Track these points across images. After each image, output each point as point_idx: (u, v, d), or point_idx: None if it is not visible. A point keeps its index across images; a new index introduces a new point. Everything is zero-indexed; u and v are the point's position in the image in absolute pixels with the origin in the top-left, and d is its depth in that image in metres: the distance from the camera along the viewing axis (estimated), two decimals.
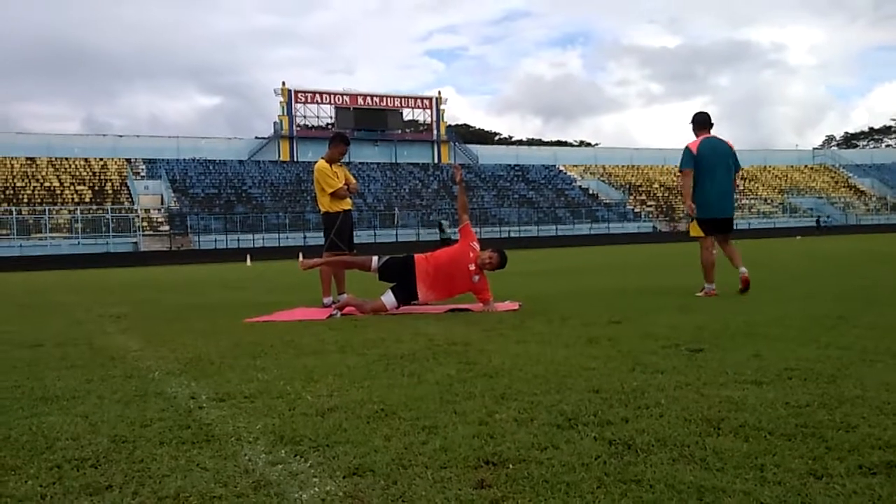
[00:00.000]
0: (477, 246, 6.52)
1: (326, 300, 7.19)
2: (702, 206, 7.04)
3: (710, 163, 7.00)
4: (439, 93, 61.07)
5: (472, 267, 6.33)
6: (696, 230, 7.12)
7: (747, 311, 5.38)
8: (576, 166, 62.74)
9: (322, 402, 2.79)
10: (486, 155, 61.50)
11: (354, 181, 7.69)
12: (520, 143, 79.95)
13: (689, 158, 7.03)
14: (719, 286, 6.89)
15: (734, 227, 7.32)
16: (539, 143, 79.63)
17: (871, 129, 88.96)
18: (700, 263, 7.09)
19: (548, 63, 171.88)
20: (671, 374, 3.08)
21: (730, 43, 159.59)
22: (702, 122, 7.23)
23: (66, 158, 48.14)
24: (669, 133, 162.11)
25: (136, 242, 39.94)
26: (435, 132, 59.79)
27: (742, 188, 58.44)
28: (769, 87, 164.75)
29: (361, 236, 35.57)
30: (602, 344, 3.98)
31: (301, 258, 10.43)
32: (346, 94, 57.13)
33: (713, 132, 7.26)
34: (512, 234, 46.23)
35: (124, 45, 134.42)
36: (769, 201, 60.11)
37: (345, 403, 2.76)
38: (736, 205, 7.28)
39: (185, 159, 51.21)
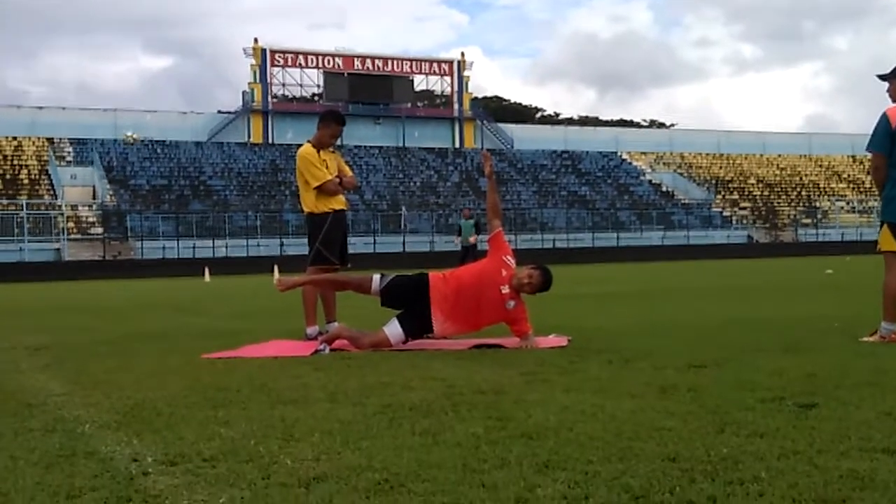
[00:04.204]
0: (512, 261, 6.53)
1: (311, 331, 7.23)
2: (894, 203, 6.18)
3: None
4: (462, 55, 61.48)
5: (506, 289, 6.34)
6: (887, 241, 6.24)
7: (877, 353, 5.34)
8: (644, 154, 62.68)
9: (306, 469, 2.81)
10: (524, 137, 61.66)
11: (351, 172, 7.76)
12: (569, 122, 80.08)
13: (884, 134, 6.13)
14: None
15: None
16: (594, 122, 79.75)
17: None
18: (882, 291, 6.22)
19: (605, 16, 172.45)
20: (774, 438, 3.07)
21: None
22: None
23: None
24: (770, 111, 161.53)
25: (59, 249, 40.37)
26: (456, 107, 60.02)
27: None
28: None
29: (356, 244, 35.69)
30: (680, 395, 3.98)
31: (277, 274, 10.48)
32: (339, 56, 57.56)
33: None
34: (558, 244, 46.21)
35: None
36: None
37: (336, 471, 2.77)
38: None
39: (124, 140, 51.74)
